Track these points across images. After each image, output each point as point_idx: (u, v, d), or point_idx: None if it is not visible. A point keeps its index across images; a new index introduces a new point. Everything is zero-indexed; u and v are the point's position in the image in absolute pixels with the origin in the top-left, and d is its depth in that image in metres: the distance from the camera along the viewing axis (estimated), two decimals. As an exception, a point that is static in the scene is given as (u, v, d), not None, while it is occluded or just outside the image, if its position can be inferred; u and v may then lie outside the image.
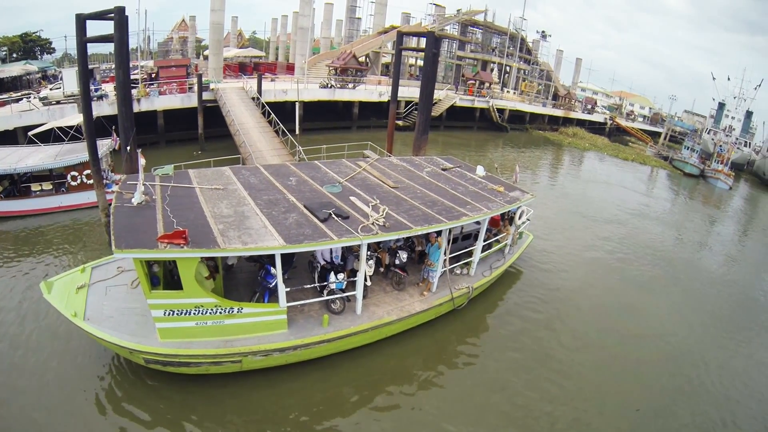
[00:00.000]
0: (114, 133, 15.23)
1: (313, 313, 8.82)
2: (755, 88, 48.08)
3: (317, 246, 7.69)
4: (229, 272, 9.75)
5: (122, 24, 10.89)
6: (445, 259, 10.09)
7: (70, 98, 22.37)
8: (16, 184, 15.16)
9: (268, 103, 25.09)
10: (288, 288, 7.95)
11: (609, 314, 12.32)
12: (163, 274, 8.15)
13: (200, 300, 7.27)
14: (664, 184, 34.69)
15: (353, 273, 9.21)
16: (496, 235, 12.32)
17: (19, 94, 27.19)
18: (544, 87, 58.22)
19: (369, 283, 9.16)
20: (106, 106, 21.72)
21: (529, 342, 10.57)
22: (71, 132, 16.86)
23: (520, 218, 12.52)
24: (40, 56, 48.26)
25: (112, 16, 10.81)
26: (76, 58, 13.39)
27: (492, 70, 51.49)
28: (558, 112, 52.16)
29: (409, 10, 59.38)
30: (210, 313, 7.43)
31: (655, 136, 58.11)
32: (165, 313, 7.23)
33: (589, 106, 59.10)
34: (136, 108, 21.99)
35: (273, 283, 8.06)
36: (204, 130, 25.29)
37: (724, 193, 34.80)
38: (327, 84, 33.69)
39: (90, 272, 8.93)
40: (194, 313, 7.35)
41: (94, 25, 11.76)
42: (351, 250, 9.46)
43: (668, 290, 14.47)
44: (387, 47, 46.76)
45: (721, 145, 40.30)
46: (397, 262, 10.15)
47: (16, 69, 34.22)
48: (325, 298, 8.81)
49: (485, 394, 8.78)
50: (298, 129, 20.30)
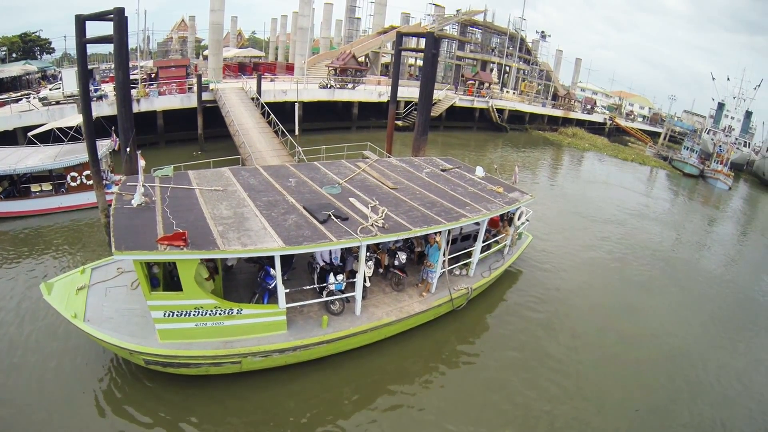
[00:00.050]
0: (113, 134, 15.23)
1: (313, 314, 8.83)
2: (755, 88, 48.08)
3: (316, 247, 7.71)
4: (228, 273, 9.76)
5: (122, 25, 10.89)
6: (444, 260, 10.11)
7: (69, 98, 22.39)
8: (15, 184, 15.17)
9: (267, 103, 25.07)
10: (287, 289, 7.97)
11: (608, 314, 12.35)
12: (163, 275, 8.18)
13: (200, 301, 7.30)
14: (663, 184, 34.72)
15: (352, 274, 9.23)
16: (495, 235, 12.34)
17: (18, 94, 27.21)
18: (544, 87, 58.25)
19: (368, 284, 9.17)
20: (105, 107, 21.72)
21: (529, 342, 10.60)
22: (71, 133, 16.89)
23: (519, 219, 12.54)
24: (39, 56, 48.26)
25: (111, 17, 10.82)
26: (76, 59, 13.40)
27: (491, 70, 51.53)
28: (557, 113, 52.17)
29: (409, 10, 59.54)
30: (210, 314, 7.46)
31: (654, 136, 58.16)
32: (165, 314, 7.25)
33: (588, 107, 59.08)
34: (135, 108, 21.99)
35: (272, 285, 8.08)
36: (203, 130, 25.30)
37: (723, 194, 34.83)
38: (326, 84, 33.66)
39: (90, 273, 8.95)
40: (194, 315, 7.38)
41: (94, 26, 11.77)
42: (350, 251, 9.47)
43: (667, 290, 14.50)
44: (386, 47, 46.77)
45: (720, 146, 40.31)
46: (396, 263, 10.17)
47: (15, 69, 34.24)
48: (325, 299, 8.84)
49: (485, 393, 8.80)
50: (297, 129, 20.35)
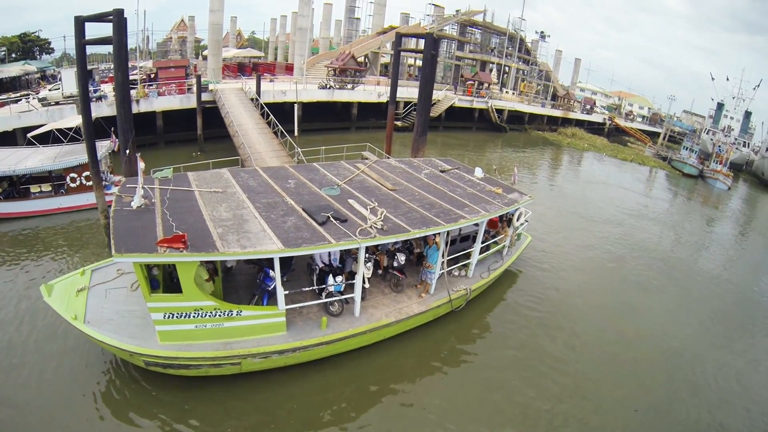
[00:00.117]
0: (113, 135, 15.23)
1: (312, 316, 8.86)
2: (754, 89, 48.13)
3: (315, 249, 7.73)
4: (228, 275, 9.78)
5: (121, 26, 10.91)
6: (443, 261, 10.14)
7: (69, 99, 22.39)
8: (15, 185, 15.19)
9: (266, 103, 25.08)
10: (287, 291, 7.99)
11: (607, 314, 12.39)
12: (163, 277, 8.21)
13: (200, 303, 7.32)
14: (662, 184, 34.77)
15: (352, 275, 9.24)
16: (494, 236, 12.37)
17: (18, 94, 27.21)
18: (543, 87, 58.31)
19: (367, 285, 9.18)
20: (105, 107, 21.73)
21: (528, 341, 10.63)
22: (70, 134, 16.89)
23: (518, 220, 12.55)
24: (39, 56, 48.22)
25: (110, 18, 10.83)
26: (75, 60, 13.41)
27: (491, 70, 51.57)
28: (557, 113, 52.21)
29: (408, 10, 59.38)
30: (209, 316, 7.48)
31: (654, 136, 58.25)
32: (165, 316, 7.27)
33: (588, 107, 59.13)
34: (135, 109, 22.00)
35: (272, 286, 8.10)
36: (203, 131, 25.32)
37: (722, 194, 34.88)
38: (326, 85, 33.68)
39: (90, 275, 8.96)
40: (194, 316, 7.40)
41: (93, 27, 11.77)
42: (349, 252, 9.49)
43: (666, 290, 14.53)
44: (386, 48, 46.78)
45: (719, 146, 40.34)
46: (396, 264, 10.19)
47: (15, 69, 34.25)
48: (324, 300, 8.86)
49: (484, 392, 8.84)
50: (296, 130, 20.33)
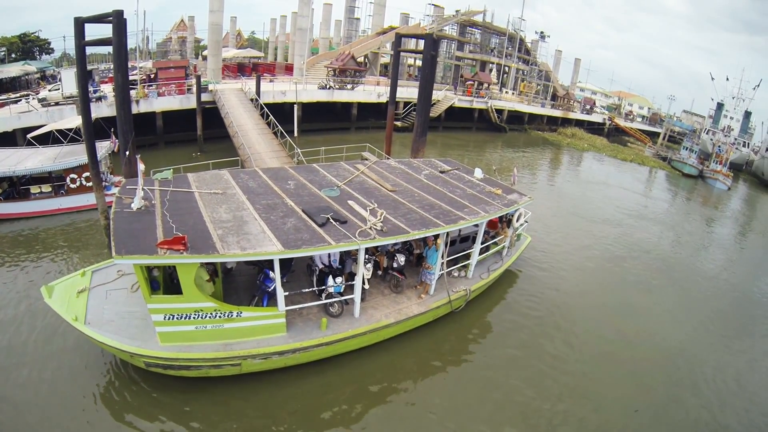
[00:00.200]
0: (113, 135, 15.23)
1: (312, 317, 8.88)
2: (754, 89, 48.17)
3: (315, 251, 7.75)
4: (228, 276, 9.79)
5: (120, 27, 10.92)
6: (443, 262, 10.16)
7: (68, 99, 22.41)
8: (15, 186, 15.20)
9: (266, 104, 25.10)
10: (287, 292, 8.02)
11: (607, 313, 12.42)
12: (163, 278, 8.22)
13: (200, 304, 7.34)
14: (662, 184, 34.78)
15: (351, 276, 9.27)
16: (494, 237, 12.39)
17: (17, 95, 27.22)
18: (543, 87, 58.32)
19: (367, 286, 9.20)
20: (104, 108, 21.75)
21: (528, 341, 10.66)
22: (70, 134, 16.91)
23: (518, 220, 12.57)
24: (38, 56, 48.25)
25: (110, 19, 10.84)
26: (75, 61, 13.42)
27: (491, 70, 51.60)
28: (557, 113, 52.24)
29: (408, 10, 59.39)
30: (209, 317, 7.50)
31: (653, 136, 58.29)
32: (165, 317, 7.29)
33: (587, 107, 59.16)
34: (134, 109, 22.01)
35: (272, 287, 8.12)
36: (203, 131, 25.34)
37: (722, 194, 34.90)
38: (325, 85, 33.68)
39: (90, 276, 8.98)
40: (194, 318, 7.42)
41: (93, 28, 11.77)
42: (349, 253, 9.50)
43: (666, 290, 14.55)
44: (386, 48, 46.79)
45: (719, 146, 40.36)
46: (395, 265, 10.22)
47: (14, 69, 34.27)
48: (324, 301, 8.89)
49: (484, 392, 8.87)
50: (296, 130, 20.32)
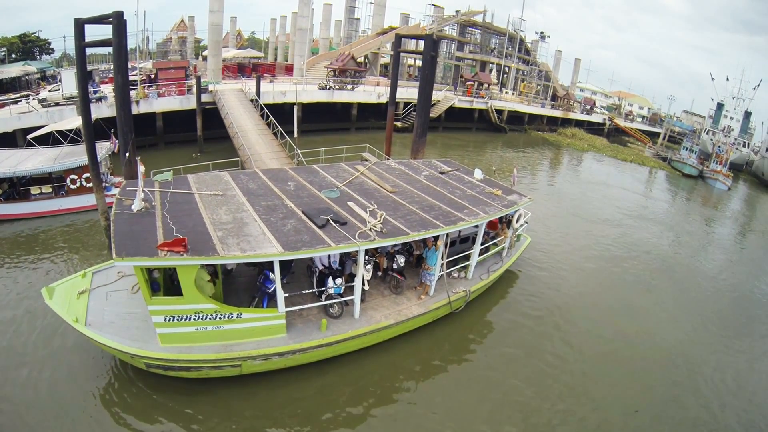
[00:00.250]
0: (113, 136, 15.24)
1: (312, 318, 8.89)
2: (754, 89, 48.09)
3: (315, 253, 7.76)
4: (228, 277, 9.81)
5: (121, 29, 10.93)
6: (443, 263, 10.17)
7: (69, 100, 22.43)
8: (15, 187, 15.20)
9: (266, 104, 25.11)
10: (287, 293, 8.03)
11: (607, 313, 12.44)
12: (164, 279, 8.24)
13: (200, 306, 7.36)
14: (662, 185, 34.78)
15: (351, 277, 9.28)
16: (493, 238, 12.40)
17: (18, 95, 27.25)
18: (543, 87, 58.32)
19: (367, 287, 9.22)
20: (105, 108, 21.76)
21: (527, 341, 10.67)
22: (70, 135, 16.92)
23: (517, 221, 12.58)
24: (39, 57, 48.30)
25: (110, 20, 10.86)
26: (75, 62, 13.44)
27: (491, 70, 51.60)
28: (557, 113, 52.23)
29: (408, 10, 59.41)
30: (210, 318, 7.52)
31: (653, 136, 58.28)
32: (165, 318, 7.31)
33: (587, 107, 59.16)
34: (134, 110, 22.01)
35: (272, 289, 8.14)
36: (203, 132, 25.35)
37: (722, 194, 34.88)
38: (326, 85, 33.68)
39: (91, 277, 9.00)
40: (194, 319, 7.44)
41: (93, 29, 11.79)
42: (349, 255, 9.51)
43: (666, 290, 14.56)
44: (386, 48, 46.81)
45: (719, 146, 40.34)
46: (395, 266, 10.24)
47: (15, 70, 34.36)
48: (324, 302, 8.90)
49: (484, 392, 8.90)
50: (296, 131, 20.31)
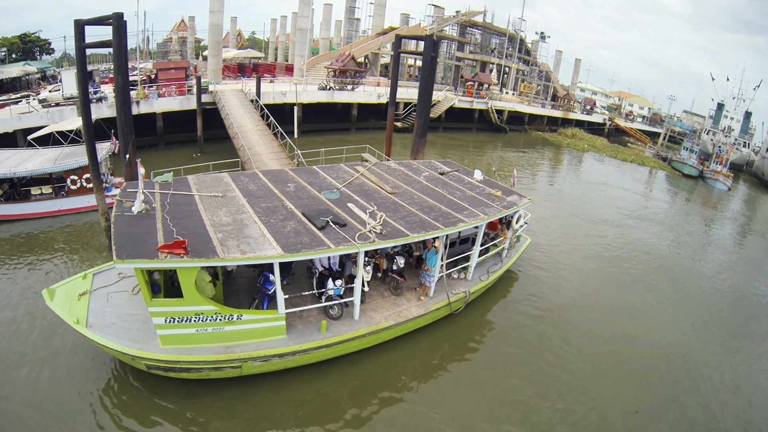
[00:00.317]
0: (113, 137, 15.25)
1: (312, 319, 8.91)
2: (754, 89, 48.10)
3: (315, 255, 7.78)
4: (228, 278, 9.83)
5: (121, 30, 10.94)
6: (442, 264, 10.18)
7: (69, 100, 22.45)
8: (15, 187, 15.22)
9: (266, 105, 25.12)
10: (287, 294, 8.04)
11: (607, 313, 12.45)
12: (164, 281, 8.26)
13: (200, 307, 7.38)
14: (662, 185, 34.77)
15: (351, 279, 9.30)
16: (493, 239, 12.41)
17: (18, 95, 27.28)
18: (543, 88, 58.30)
19: (367, 288, 9.23)
20: (105, 109, 21.78)
21: (527, 341, 10.69)
22: (71, 135, 16.94)
23: (517, 222, 12.59)
24: (39, 57, 48.33)
25: (110, 21, 10.87)
26: (75, 63, 13.45)
27: (491, 71, 51.58)
28: (557, 113, 52.21)
29: (408, 11, 59.46)
30: (210, 320, 7.54)
31: (654, 136, 58.28)
32: (166, 320, 7.33)
33: (588, 107, 59.12)
34: (135, 110, 22.04)
35: (272, 290, 8.16)
36: (203, 132, 25.36)
37: (722, 194, 34.86)
38: (326, 86, 33.68)
39: (91, 279, 9.01)
40: (194, 320, 7.46)
41: (93, 29, 11.81)
42: (349, 256, 9.52)
43: (665, 291, 14.56)
44: (386, 48, 46.81)
45: (719, 146, 40.32)
46: (395, 267, 10.25)
47: (15, 70, 34.40)
48: (324, 304, 8.92)
49: (484, 392, 8.92)
50: (296, 132, 20.34)
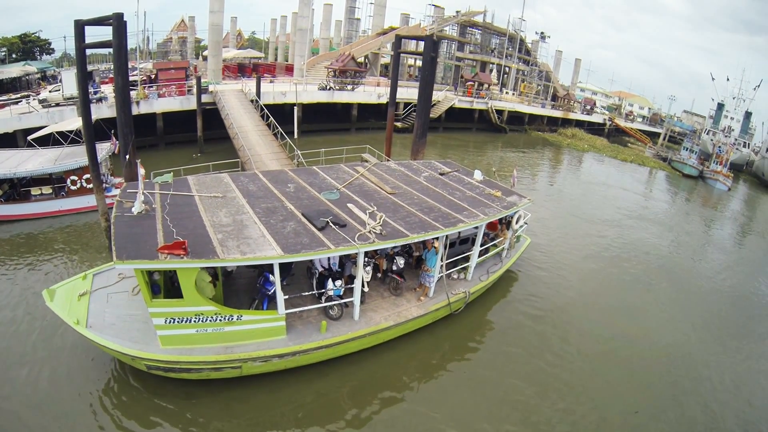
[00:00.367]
0: (113, 137, 15.26)
1: (312, 319, 8.91)
2: (754, 89, 48.08)
3: (315, 255, 7.79)
4: (228, 278, 9.84)
5: (121, 30, 10.95)
6: (442, 264, 10.19)
7: (69, 100, 22.45)
8: (15, 187, 15.22)
9: (266, 105, 25.12)
10: (286, 295, 8.05)
11: (606, 314, 12.46)
12: (164, 282, 8.26)
13: (200, 308, 7.38)
14: (662, 185, 34.76)
15: (351, 279, 9.30)
16: (493, 239, 12.42)
17: (18, 95, 27.29)
18: (543, 88, 58.30)
19: (367, 289, 9.24)
20: (105, 109, 21.79)
21: (527, 341, 10.70)
22: (71, 135, 16.94)
23: (517, 222, 12.59)
24: (39, 57, 48.34)
25: (110, 22, 10.88)
26: (75, 63, 13.46)
27: (491, 71, 51.57)
28: (557, 113, 52.20)
29: (408, 11, 59.46)
30: (210, 320, 7.55)
31: (654, 136, 58.29)
32: (166, 320, 7.34)
33: (588, 107, 59.10)
34: (135, 110, 22.04)
35: (272, 290, 8.17)
36: (203, 132, 25.37)
37: (722, 194, 34.86)
38: (326, 86, 33.68)
39: (91, 279, 9.02)
40: (194, 321, 7.47)
41: (94, 30, 11.82)
42: (349, 257, 9.53)
43: (665, 291, 14.57)
44: (386, 48, 46.80)
45: (719, 146, 40.31)
46: (395, 267, 10.25)
47: (15, 70, 34.40)
48: (324, 304, 8.92)
49: (483, 392, 8.93)
50: (296, 132, 20.34)
